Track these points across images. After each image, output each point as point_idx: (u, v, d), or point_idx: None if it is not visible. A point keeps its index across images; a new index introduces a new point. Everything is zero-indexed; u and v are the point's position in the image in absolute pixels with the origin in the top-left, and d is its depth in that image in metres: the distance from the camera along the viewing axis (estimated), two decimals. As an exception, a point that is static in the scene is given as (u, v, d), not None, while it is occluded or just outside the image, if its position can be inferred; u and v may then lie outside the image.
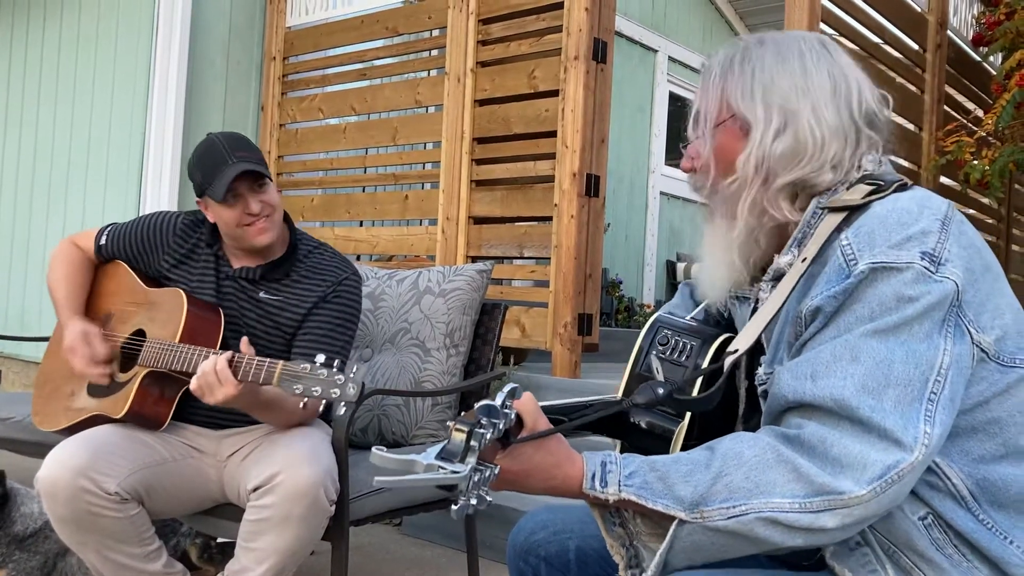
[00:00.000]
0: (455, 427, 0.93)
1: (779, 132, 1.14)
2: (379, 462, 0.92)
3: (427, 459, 0.90)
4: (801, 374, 1.03)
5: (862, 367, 0.99)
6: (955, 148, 4.12)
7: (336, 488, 1.87)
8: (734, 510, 1.00)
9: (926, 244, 1.01)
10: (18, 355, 4.96)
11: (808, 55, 1.18)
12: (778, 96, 1.15)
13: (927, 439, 0.97)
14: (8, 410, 2.53)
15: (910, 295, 0.99)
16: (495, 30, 3.91)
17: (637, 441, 1.23)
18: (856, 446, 0.97)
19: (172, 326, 1.99)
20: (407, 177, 4.34)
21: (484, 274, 2.53)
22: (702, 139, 1.21)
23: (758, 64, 1.18)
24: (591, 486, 1.05)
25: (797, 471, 0.99)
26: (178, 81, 4.45)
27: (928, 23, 4.61)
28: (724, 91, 1.19)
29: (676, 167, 7.84)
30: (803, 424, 1.02)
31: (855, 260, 1.02)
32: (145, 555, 1.89)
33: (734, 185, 1.17)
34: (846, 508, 0.97)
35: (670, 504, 1.02)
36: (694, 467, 1.03)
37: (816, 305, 1.05)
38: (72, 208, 4.85)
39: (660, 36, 7.41)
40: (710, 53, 1.26)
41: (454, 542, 2.98)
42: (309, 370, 1.68)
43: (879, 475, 0.96)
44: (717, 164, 1.19)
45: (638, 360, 1.28)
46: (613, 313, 6.70)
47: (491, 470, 0.96)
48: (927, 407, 0.98)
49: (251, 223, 2.03)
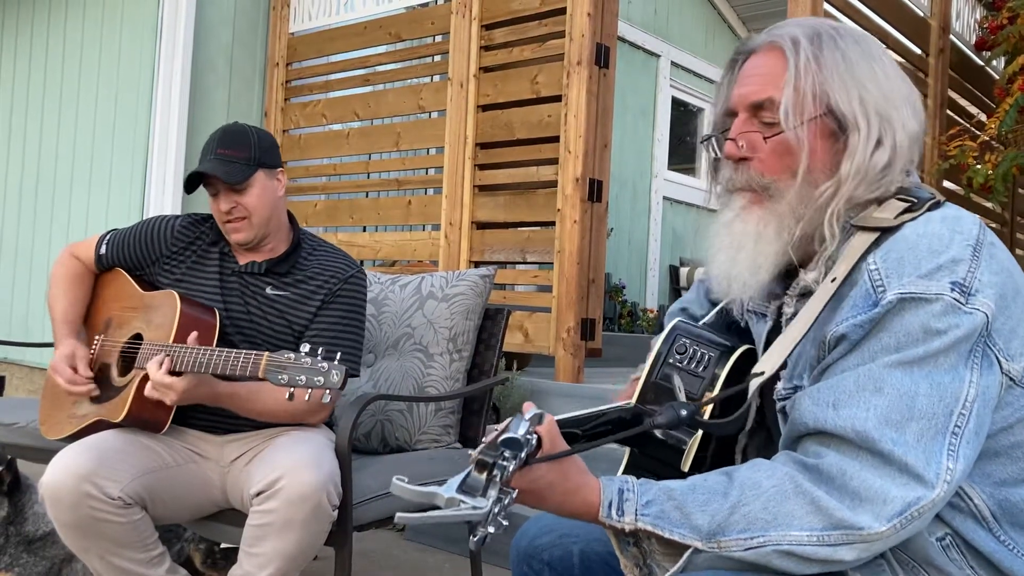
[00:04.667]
0: (477, 457, 0.91)
1: (880, 141, 1.07)
2: (399, 492, 0.92)
3: (448, 492, 0.89)
4: (823, 401, 1.01)
5: (885, 399, 0.97)
6: (958, 152, 4.11)
7: (339, 493, 1.87)
8: (752, 541, 0.98)
9: (956, 273, 0.98)
10: (22, 361, 4.96)
11: (884, 57, 1.11)
12: (872, 99, 1.07)
13: (949, 475, 0.95)
14: (13, 416, 2.53)
15: (938, 328, 0.96)
16: (498, 35, 3.91)
17: (651, 450, 1.23)
18: (876, 480, 0.95)
19: (166, 328, 1.99)
20: (410, 182, 4.34)
21: (487, 279, 2.54)
22: (783, 133, 1.08)
23: (850, 56, 1.08)
24: (607, 514, 1.03)
25: (816, 503, 0.97)
26: (181, 87, 4.46)
27: (931, 27, 4.61)
28: (821, 81, 1.07)
29: (679, 172, 7.86)
30: (822, 453, 1.00)
31: (883, 288, 0.99)
32: (148, 560, 1.89)
33: (827, 192, 1.07)
34: (864, 543, 0.96)
35: (687, 534, 1.01)
36: (711, 496, 1.01)
37: (842, 332, 1.02)
38: (76, 214, 4.86)
39: (663, 41, 7.42)
40: (779, 29, 1.13)
41: (457, 547, 2.98)
42: (293, 359, 1.70)
43: (899, 511, 0.94)
44: (806, 163, 1.08)
45: (655, 368, 1.26)
46: (616, 318, 6.70)
47: (509, 496, 0.93)
48: (951, 441, 0.96)
49: (227, 220, 2.09)
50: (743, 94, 1.14)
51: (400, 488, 0.91)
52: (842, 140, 1.08)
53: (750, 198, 1.13)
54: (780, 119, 1.09)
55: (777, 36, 1.13)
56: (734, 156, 1.14)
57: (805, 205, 1.09)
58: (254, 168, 2.07)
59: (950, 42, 4.76)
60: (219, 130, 2.12)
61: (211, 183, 2.07)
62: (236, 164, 2.05)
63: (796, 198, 1.09)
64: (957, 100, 4.93)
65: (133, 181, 4.58)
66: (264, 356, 1.74)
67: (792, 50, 1.10)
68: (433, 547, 3.12)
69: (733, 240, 1.14)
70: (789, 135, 1.08)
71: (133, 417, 1.97)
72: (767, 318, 1.22)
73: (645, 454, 1.24)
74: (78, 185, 4.86)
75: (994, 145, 4.32)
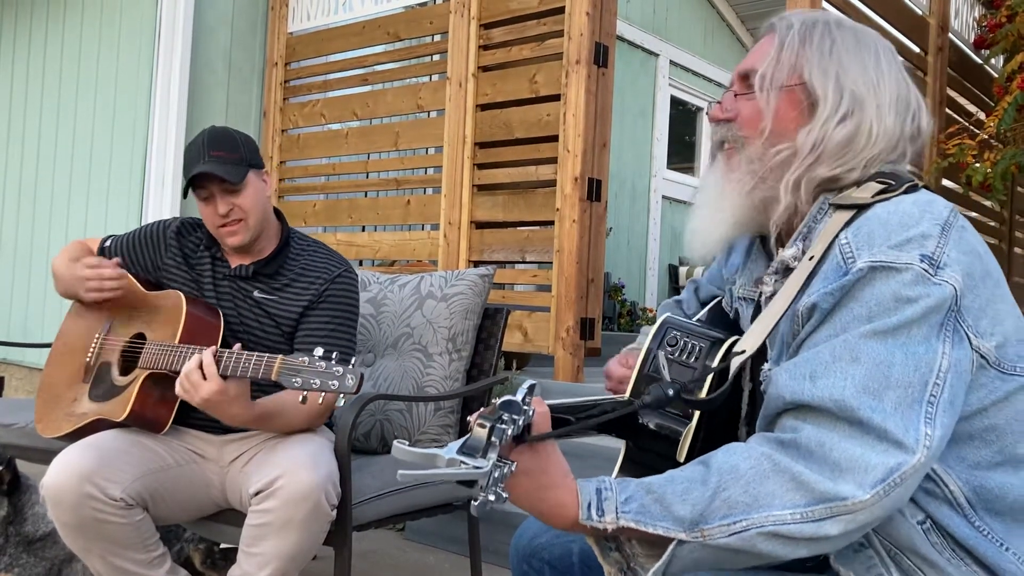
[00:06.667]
0: (477, 422, 0.92)
1: (844, 118, 1.12)
2: (400, 455, 0.92)
3: (449, 453, 0.90)
4: (799, 374, 1.01)
5: (862, 368, 0.98)
6: (957, 151, 4.12)
7: (337, 493, 1.87)
8: (735, 526, 0.97)
9: (925, 247, 1.00)
10: (22, 362, 4.96)
11: (883, 55, 1.16)
12: (851, 82, 1.13)
13: (928, 440, 0.96)
14: (13, 416, 2.53)
15: (908, 296, 0.98)
16: (496, 35, 3.92)
17: (645, 443, 1.22)
18: (856, 449, 0.96)
19: (171, 328, 1.99)
20: (409, 182, 4.34)
21: (486, 278, 2.54)
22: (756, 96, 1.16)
23: (839, 43, 1.15)
24: (587, 516, 1.01)
25: (796, 479, 0.97)
26: (180, 87, 4.46)
27: (929, 26, 4.62)
28: (800, 56, 1.15)
29: (678, 171, 7.86)
30: (799, 427, 1.00)
31: (853, 259, 1.02)
32: (149, 561, 1.89)
33: (783, 154, 1.14)
34: (850, 514, 0.95)
35: (670, 526, 0.99)
36: (690, 485, 1.01)
37: (813, 302, 1.04)
38: (75, 215, 4.86)
39: (662, 40, 7.42)
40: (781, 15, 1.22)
41: (457, 547, 2.98)
42: (308, 363, 1.69)
43: (882, 478, 0.94)
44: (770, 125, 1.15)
45: (646, 361, 1.26)
46: (615, 317, 6.71)
47: (509, 466, 0.94)
48: (927, 409, 0.97)
49: (222, 224, 2.06)
50: (738, 66, 1.23)
51: (401, 450, 0.92)
52: (808, 112, 1.15)
53: (725, 153, 1.21)
54: (755, 84, 1.17)
55: (777, 19, 1.21)
56: (717, 117, 1.22)
57: (761, 162, 1.16)
58: (247, 168, 2.07)
59: (949, 40, 4.76)
60: (203, 133, 2.09)
61: (204, 187, 2.04)
62: (232, 165, 2.04)
63: (755, 154, 1.16)
64: (956, 98, 4.94)
65: (132, 181, 4.58)
66: (278, 359, 1.73)
67: (784, 31, 1.18)
68: (433, 547, 3.12)
69: (704, 196, 1.22)
70: (760, 97, 1.16)
71: (136, 416, 1.97)
72: (753, 303, 1.25)
73: (640, 447, 1.24)
74: (77, 186, 4.86)
75: (993, 143, 4.32)
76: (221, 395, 1.78)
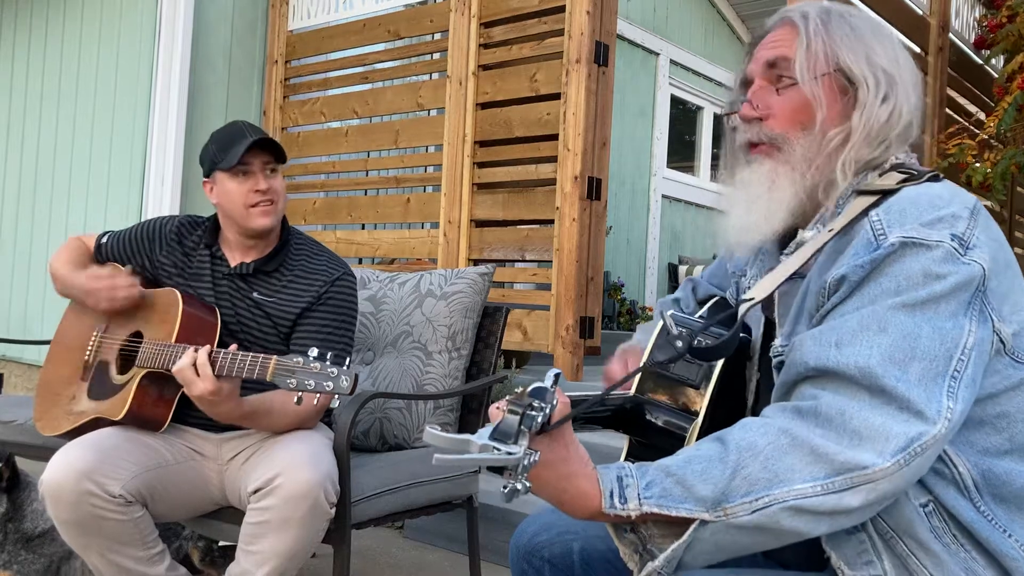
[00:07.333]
0: (508, 408, 0.92)
1: (886, 98, 1.13)
2: (432, 440, 0.91)
3: (481, 439, 0.89)
4: (826, 341, 1.02)
5: (889, 338, 0.99)
6: (957, 151, 4.11)
7: (336, 491, 1.87)
8: (757, 503, 0.97)
9: (956, 227, 1.02)
10: (21, 359, 4.96)
11: (892, 39, 1.19)
12: (881, 63, 1.14)
13: (950, 413, 0.96)
14: (11, 413, 2.54)
15: (938, 272, 0.99)
16: (497, 33, 3.91)
17: (651, 439, 1.22)
18: (877, 418, 0.96)
19: (168, 326, 1.99)
20: (409, 180, 4.34)
21: (486, 277, 2.54)
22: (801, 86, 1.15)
23: (859, 27, 1.17)
24: (611, 504, 1.00)
25: (815, 452, 0.97)
26: (180, 85, 4.46)
27: (930, 26, 4.62)
28: (829, 43, 1.15)
29: (678, 170, 7.86)
30: (818, 395, 1.01)
31: (884, 235, 1.03)
32: (148, 558, 1.89)
33: (837, 139, 1.14)
34: (871, 483, 0.95)
35: (693, 507, 0.99)
36: (709, 464, 1.00)
37: (841, 274, 1.04)
38: (74, 212, 4.86)
39: (662, 39, 7.42)
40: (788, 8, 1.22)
41: (456, 545, 2.98)
42: (302, 363, 1.69)
43: (903, 447, 0.95)
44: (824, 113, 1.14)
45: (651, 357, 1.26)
46: (615, 316, 6.72)
47: (533, 455, 0.93)
48: (950, 383, 0.98)
49: (256, 203, 2.06)
50: (758, 58, 1.21)
51: (433, 436, 0.90)
52: (851, 95, 1.15)
53: (762, 151, 1.19)
54: (796, 74, 1.15)
55: (787, 12, 1.21)
56: (749, 116, 1.19)
57: (817, 152, 1.15)
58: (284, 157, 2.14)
59: (949, 40, 4.76)
60: (237, 121, 2.14)
61: (248, 162, 2.06)
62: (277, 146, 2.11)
63: (808, 145, 1.15)
64: (956, 98, 4.94)
65: (131, 179, 4.58)
66: (272, 359, 1.73)
67: (803, 20, 1.18)
68: (432, 545, 3.12)
69: (749, 192, 1.19)
70: (804, 88, 1.15)
71: (133, 415, 1.97)
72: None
73: (644, 443, 1.24)
74: (76, 183, 4.86)
75: (993, 143, 4.32)
76: (215, 395, 1.80)
